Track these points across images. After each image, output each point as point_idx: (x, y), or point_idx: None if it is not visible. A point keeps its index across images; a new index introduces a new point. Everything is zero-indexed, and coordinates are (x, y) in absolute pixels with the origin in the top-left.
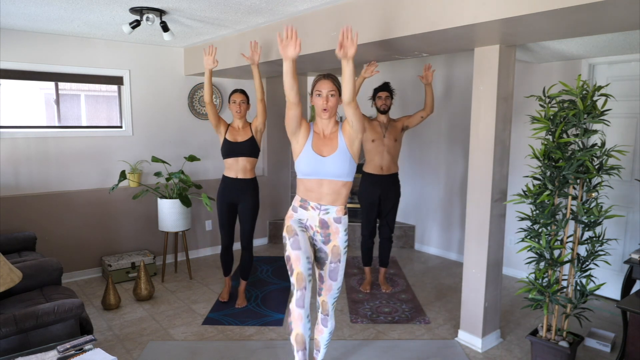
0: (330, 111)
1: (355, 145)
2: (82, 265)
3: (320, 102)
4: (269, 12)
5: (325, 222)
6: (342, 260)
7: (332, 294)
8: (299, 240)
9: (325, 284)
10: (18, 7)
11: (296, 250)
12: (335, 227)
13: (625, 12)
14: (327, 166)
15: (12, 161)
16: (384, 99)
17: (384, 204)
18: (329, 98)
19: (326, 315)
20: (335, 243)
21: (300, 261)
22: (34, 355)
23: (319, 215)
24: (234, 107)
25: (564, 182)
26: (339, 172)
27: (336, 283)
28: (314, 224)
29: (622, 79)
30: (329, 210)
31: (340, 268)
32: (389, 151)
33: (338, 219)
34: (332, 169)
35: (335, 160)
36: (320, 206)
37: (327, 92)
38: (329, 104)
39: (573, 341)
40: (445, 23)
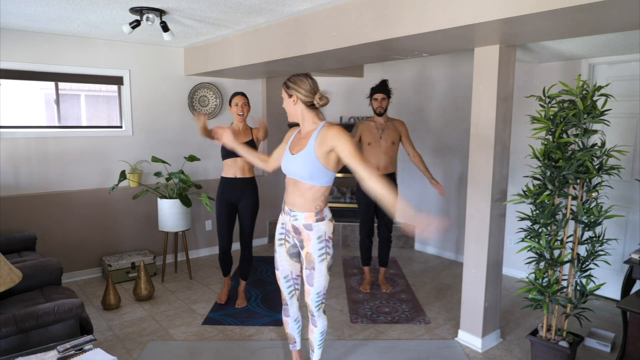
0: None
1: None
2: (82, 265)
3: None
4: (269, 12)
5: (297, 228)
6: (316, 267)
7: (312, 298)
8: (276, 259)
9: (305, 287)
10: (18, 7)
11: (276, 270)
12: (306, 234)
13: (625, 12)
14: (293, 164)
15: (12, 161)
16: (380, 101)
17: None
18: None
19: (312, 315)
20: (308, 250)
21: (280, 281)
22: (34, 355)
23: (290, 220)
24: (235, 109)
25: (564, 182)
26: (300, 172)
27: (313, 288)
28: (290, 229)
29: (622, 79)
30: (297, 217)
31: (315, 275)
32: (385, 152)
33: (308, 226)
34: (294, 168)
35: (299, 159)
36: (290, 212)
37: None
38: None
39: (573, 341)
40: (445, 23)
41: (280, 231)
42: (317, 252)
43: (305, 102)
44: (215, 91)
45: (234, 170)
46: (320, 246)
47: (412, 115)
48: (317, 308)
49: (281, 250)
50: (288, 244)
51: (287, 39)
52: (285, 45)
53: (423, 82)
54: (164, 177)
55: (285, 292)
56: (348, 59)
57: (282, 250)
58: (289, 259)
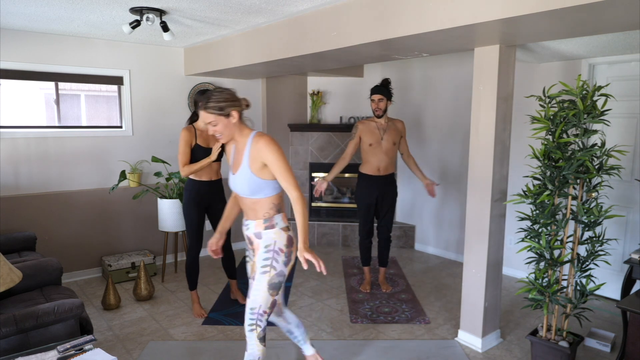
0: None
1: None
2: (82, 265)
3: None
4: (269, 12)
5: (249, 238)
6: (256, 278)
7: (246, 313)
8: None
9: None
10: (18, 7)
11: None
12: (256, 242)
13: (625, 12)
14: (235, 183)
15: (12, 161)
16: (377, 102)
17: (381, 205)
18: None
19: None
20: (255, 259)
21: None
22: (34, 355)
23: (244, 231)
24: None
25: (564, 182)
26: (242, 190)
27: (249, 302)
28: (248, 241)
29: (622, 79)
30: (249, 226)
31: (253, 287)
32: (386, 153)
33: (258, 234)
34: (237, 187)
35: (239, 178)
36: (245, 221)
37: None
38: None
39: (573, 341)
40: (445, 23)
41: (247, 247)
42: (260, 262)
43: (242, 112)
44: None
45: (209, 173)
46: (266, 257)
47: (413, 115)
48: (250, 328)
49: (248, 267)
50: (252, 260)
51: (287, 39)
52: (285, 45)
53: (423, 81)
54: (164, 177)
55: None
56: (348, 59)
57: (248, 268)
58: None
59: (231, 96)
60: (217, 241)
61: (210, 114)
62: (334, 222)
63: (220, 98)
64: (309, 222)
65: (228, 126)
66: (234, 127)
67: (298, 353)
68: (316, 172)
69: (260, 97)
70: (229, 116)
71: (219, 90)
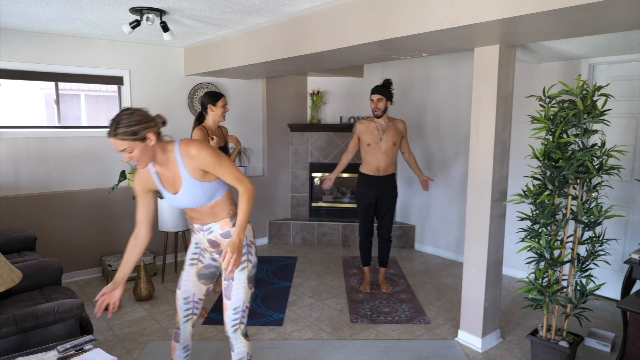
0: (142, 163)
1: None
2: (82, 265)
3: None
4: (269, 12)
5: (214, 241)
6: (236, 277)
7: (228, 315)
8: (182, 277)
9: (223, 302)
10: (18, 7)
11: (177, 289)
12: (225, 242)
13: (625, 12)
14: (181, 201)
15: (12, 161)
16: (376, 102)
17: (381, 205)
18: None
19: (229, 338)
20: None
21: (178, 301)
22: (34, 355)
23: (205, 236)
24: (221, 111)
25: (564, 182)
26: (194, 203)
27: (231, 302)
28: (206, 246)
29: (622, 79)
30: (212, 229)
31: (234, 287)
32: (385, 153)
33: (226, 234)
34: (186, 203)
35: (185, 195)
36: (203, 227)
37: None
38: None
39: (573, 341)
40: (445, 23)
41: (193, 251)
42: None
43: (159, 133)
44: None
45: None
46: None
47: (413, 115)
48: (233, 328)
49: (191, 270)
50: (201, 264)
51: (287, 39)
52: (285, 45)
53: (424, 81)
54: None
55: (181, 315)
56: (348, 59)
57: (191, 270)
58: (196, 280)
59: (144, 117)
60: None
61: (122, 141)
62: (334, 222)
63: (131, 121)
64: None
65: (146, 151)
66: (152, 150)
67: (298, 353)
68: (316, 172)
69: (260, 97)
70: (145, 140)
71: (128, 113)
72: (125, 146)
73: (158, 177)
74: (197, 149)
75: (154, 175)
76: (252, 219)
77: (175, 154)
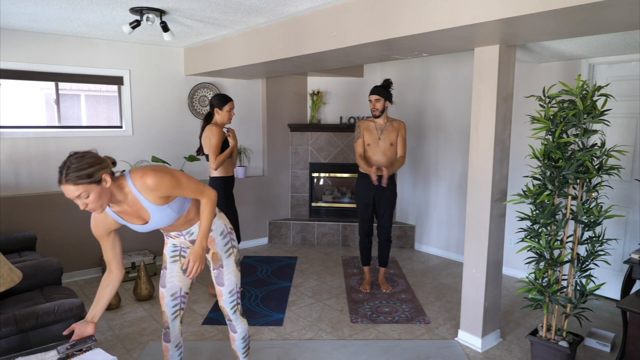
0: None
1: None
2: (82, 265)
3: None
4: (269, 12)
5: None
6: (225, 264)
7: (224, 299)
8: (166, 275)
9: (217, 290)
10: (18, 7)
11: (162, 287)
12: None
13: (625, 12)
14: (154, 226)
15: (12, 161)
16: (374, 102)
17: (380, 204)
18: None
19: (230, 320)
20: (214, 250)
21: (164, 299)
22: (34, 355)
23: (186, 238)
24: (228, 115)
25: (563, 182)
26: (169, 222)
27: (225, 287)
28: (187, 246)
29: (622, 79)
30: (192, 231)
31: (224, 273)
32: (384, 153)
33: None
34: (161, 225)
35: (157, 220)
36: (182, 233)
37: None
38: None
39: (573, 341)
40: (445, 23)
41: (172, 249)
42: (222, 248)
43: (112, 173)
44: (215, 91)
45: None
46: (225, 241)
47: (412, 115)
48: (232, 310)
49: (174, 266)
50: (183, 258)
51: (287, 39)
52: (285, 45)
53: (423, 81)
54: None
55: (168, 313)
56: (348, 59)
57: (175, 266)
58: (181, 275)
59: (95, 159)
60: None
61: (76, 186)
62: (334, 222)
63: (83, 164)
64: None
65: (102, 194)
66: (108, 191)
67: (299, 353)
68: (316, 172)
69: (260, 97)
70: (101, 182)
71: (77, 157)
72: (81, 191)
73: (119, 215)
74: (154, 179)
75: (114, 215)
76: (252, 219)
77: (131, 190)
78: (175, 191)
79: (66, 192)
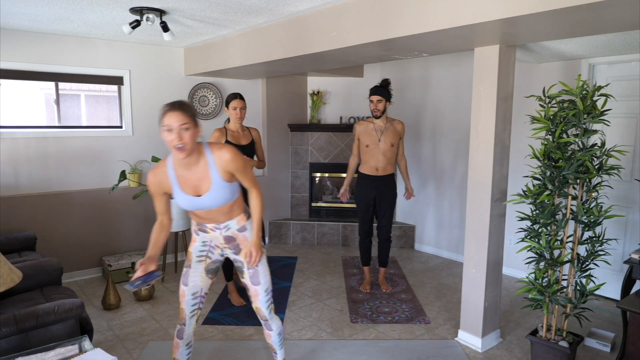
0: (188, 149)
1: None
2: (82, 265)
3: (170, 140)
4: (269, 12)
5: (230, 237)
6: (260, 263)
7: (261, 299)
8: (189, 274)
9: (251, 291)
10: (18, 7)
11: (183, 285)
12: (242, 236)
13: (625, 12)
14: (205, 202)
15: (12, 161)
16: (375, 103)
17: (380, 205)
18: (181, 134)
19: (265, 320)
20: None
21: (185, 297)
22: (34, 355)
23: (222, 233)
24: (234, 113)
25: (564, 182)
26: (220, 202)
27: (260, 286)
28: (219, 243)
29: (622, 79)
30: (229, 226)
31: (260, 271)
32: (384, 154)
33: (242, 228)
34: (211, 203)
35: (214, 196)
36: (219, 225)
37: (179, 127)
38: (184, 139)
39: (573, 341)
40: (445, 23)
41: (200, 249)
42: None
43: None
44: (215, 91)
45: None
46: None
47: (412, 115)
48: (268, 310)
49: (199, 266)
50: (209, 260)
51: (287, 39)
52: (285, 45)
53: (423, 81)
54: None
55: (187, 311)
56: (348, 59)
57: (200, 266)
58: (204, 275)
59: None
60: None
61: (184, 116)
62: (334, 222)
63: (190, 106)
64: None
65: (194, 138)
66: (195, 142)
67: (299, 353)
68: (316, 172)
69: (260, 97)
70: (197, 126)
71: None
72: (186, 121)
73: (177, 180)
74: (231, 154)
75: (173, 179)
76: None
77: (206, 157)
78: (239, 172)
79: (173, 118)
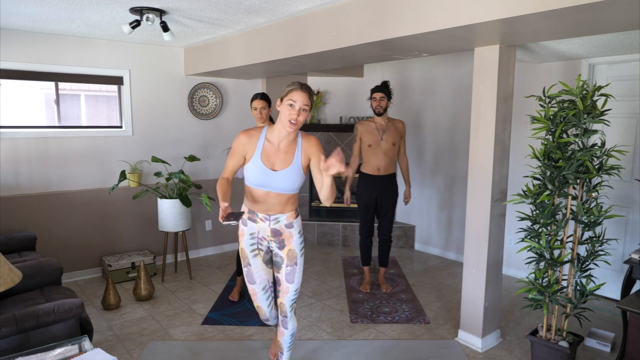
0: (297, 126)
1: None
2: (82, 265)
3: (289, 113)
4: (269, 12)
5: (277, 230)
6: (298, 262)
7: (289, 297)
8: (252, 272)
9: (282, 287)
10: (18, 7)
11: (251, 284)
12: (288, 232)
13: (625, 12)
14: (276, 180)
15: (12, 161)
16: (379, 100)
17: (381, 204)
18: (300, 112)
19: (285, 317)
20: (291, 247)
21: (257, 295)
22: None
23: (270, 225)
24: (255, 113)
25: (564, 182)
26: (289, 187)
27: (293, 285)
28: (266, 235)
29: (622, 79)
30: (279, 219)
31: (296, 270)
32: (385, 153)
33: (290, 225)
34: (281, 184)
35: (287, 176)
36: (269, 217)
37: (301, 106)
38: (300, 118)
39: (573, 341)
40: (445, 23)
41: (251, 242)
42: (298, 246)
43: None
44: (215, 91)
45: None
46: (301, 240)
47: (412, 115)
48: (291, 308)
49: (257, 260)
50: (262, 252)
51: (287, 39)
52: (285, 45)
53: (423, 82)
54: (164, 177)
55: (264, 307)
56: (348, 59)
57: (257, 260)
58: (265, 267)
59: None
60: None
61: (309, 100)
62: (334, 222)
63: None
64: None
65: (305, 119)
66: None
67: (299, 353)
68: None
69: None
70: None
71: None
72: (308, 104)
73: (262, 149)
74: (318, 143)
75: (260, 145)
76: None
77: (298, 139)
78: (315, 166)
79: (301, 97)
